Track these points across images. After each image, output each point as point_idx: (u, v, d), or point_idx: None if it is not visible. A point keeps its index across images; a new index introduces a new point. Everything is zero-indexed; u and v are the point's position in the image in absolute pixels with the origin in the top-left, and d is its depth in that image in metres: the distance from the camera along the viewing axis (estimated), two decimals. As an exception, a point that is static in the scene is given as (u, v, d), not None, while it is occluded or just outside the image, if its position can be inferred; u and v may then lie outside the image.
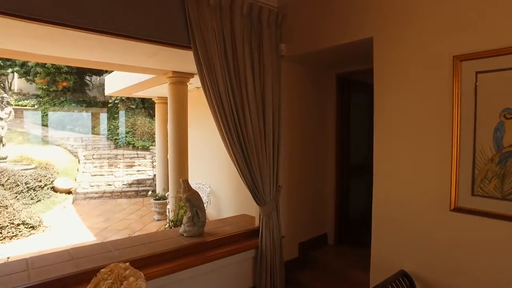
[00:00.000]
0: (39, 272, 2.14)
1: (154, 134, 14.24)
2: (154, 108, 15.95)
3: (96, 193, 10.54)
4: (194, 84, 5.33)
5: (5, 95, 10.58)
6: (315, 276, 3.22)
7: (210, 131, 6.25)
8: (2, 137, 9.96)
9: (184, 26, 2.30)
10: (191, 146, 5.61)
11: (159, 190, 9.00)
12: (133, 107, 15.53)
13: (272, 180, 2.79)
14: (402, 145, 2.26)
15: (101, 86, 20.11)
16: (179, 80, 4.90)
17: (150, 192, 9.18)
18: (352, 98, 3.76)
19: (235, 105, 2.48)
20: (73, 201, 9.98)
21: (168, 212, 7.53)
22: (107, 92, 8.90)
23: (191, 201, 2.81)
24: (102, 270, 1.24)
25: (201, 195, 2.96)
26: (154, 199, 7.86)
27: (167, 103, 9.71)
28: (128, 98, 15.33)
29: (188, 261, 2.47)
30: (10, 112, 10.26)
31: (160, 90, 6.89)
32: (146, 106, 15.92)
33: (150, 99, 14.96)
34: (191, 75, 4.82)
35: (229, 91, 2.44)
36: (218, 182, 5.86)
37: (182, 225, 2.90)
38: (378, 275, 2.34)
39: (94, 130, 15.82)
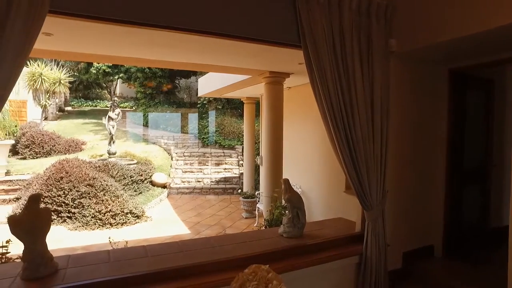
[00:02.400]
0: (156, 260, 2.31)
1: (240, 133, 14.79)
2: (240, 108, 16.68)
3: (187, 188, 11.30)
4: (286, 84, 5.35)
5: (115, 98, 11.98)
6: (422, 290, 2.96)
7: (303, 132, 6.24)
8: (113, 135, 11.28)
9: (294, 26, 2.28)
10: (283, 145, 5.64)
11: (246, 188, 9.28)
12: (219, 107, 16.33)
13: (379, 184, 2.62)
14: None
15: (188, 88, 21.65)
16: (276, 80, 4.95)
17: (239, 191, 9.49)
18: (467, 96, 3.36)
19: (344, 105, 2.38)
20: (168, 195, 10.85)
21: (257, 210, 7.76)
22: (200, 93, 9.49)
23: (292, 202, 2.79)
24: (245, 271, 1.27)
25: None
26: (243, 197, 8.12)
27: (255, 103, 10.07)
28: (215, 99, 16.16)
29: (290, 264, 2.44)
30: (119, 113, 11.57)
31: (251, 91, 7.10)
32: (232, 106, 16.62)
33: (237, 99, 15.62)
34: (287, 75, 4.84)
35: (338, 91, 2.35)
36: (310, 183, 5.80)
37: (281, 226, 2.89)
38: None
39: (183, 129, 16.99)
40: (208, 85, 8.51)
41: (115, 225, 7.41)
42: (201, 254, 2.40)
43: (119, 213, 7.59)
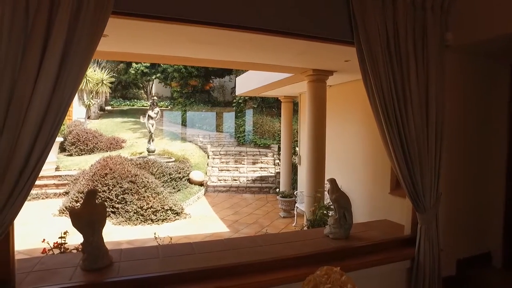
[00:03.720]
0: (203, 258, 2.32)
1: (275, 132, 14.77)
2: (275, 107, 16.66)
3: (223, 186, 11.43)
4: (328, 82, 5.25)
5: (155, 97, 12.37)
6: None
7: (345, 131, 6.11)
8: (152, 133, 11.64)
9: (347, 21, 2.21)
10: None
11: (283, 187, 9.24)
12: (255, 106, 16.40)
13: (433, 185, 2.48)
14: None
15: (221, 87, 21.98)
16: (319, 78, 4.88)
17: (277, 190, 9.48)
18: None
19: (397, 103, 2.28)
20: (205, 193, 11.03)
21: (296, 210, 7.70)
22: (238, 92, 9.56)
23: (340, 202, 2.71)
24: (317, 272, 1.24)
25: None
26: (281, 197, 8.09)
27: (292, 102, 10.00)
28: (250, 98, 16.25)
29: (339, 266, 2.37)
30: (158, 112, 11.92)
31: (289, 90, 7.05)
32: (267, 105, 16.63)
33: (272, 98, 15.61)
34: (331, 72, 4.75)
35: (392, 86, 2.26)
36: (352, 183, 5.66)
37: (327, 226, 2.83)
38: None
39: (219, 128, 17.24)
40: (247, 84, 8.55)
41: (156, 221, 7.64)
42: (248, 253, 2.39)
43: (160, 210, 7.82)
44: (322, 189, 4.87)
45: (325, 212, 3.89)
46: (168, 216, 7.85)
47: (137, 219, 7.63)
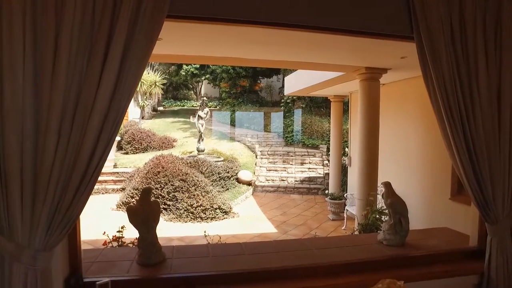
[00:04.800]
0: (253, 259, 2.30)
1: (324, 132, 14.49)
2: (323, 107, 16.35)
3: (271, 187, 11.43)
4: (381, 80, 5.02)
5: (204, 97, 12.72)
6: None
7: (400, 131, 5.81)
8: (201, 133, 11.98)
9: (406, 15, 2.07)
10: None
11: (332, 189, 9.02)
12: (303, 106, 16.21)
13: (507, 193, 2.23)
14: None
15: (269, 87, 22.03)
16: (372, 76, 4.68)
17: (326, 191, 9.29)
18: None
19: (463, 103, 2.08)
20: (253, 193, 11.11)
21: (345, 213, 7.48)
22: (286, 92, 9.50)
23: (395, 207, 2.56)
24: (378, 285, 1.17)
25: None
26: (330, 199, 7.90)
27: (342, 101, 9.73)
28: (299, 98, 16.10)
29: (394, 275, 2.20)
30: (208, 112, 12.23)
31: (340, 89, 6.86)
32: (315, 105, 16.38)
33: (321, 98, 15.33)
34: (385, 70, 4.54)
35: (457, 87, 2.06)
36: (408, 187, 5.36)
37: (381, 232, 2.68)
38: None
39: (266, 128, 17.29)
40: (295, 83, 8.45)
41: (205, 219, 7.84)
42: (299, 256, 2.33)
43: (209, 208, 8.01)
44: (374, 192, 4.66)
45: (378, 216, 3.71)
46: (216, 214, 8.02)
47: (187, 217, 7.88)
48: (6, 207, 1.42)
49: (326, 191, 9.39)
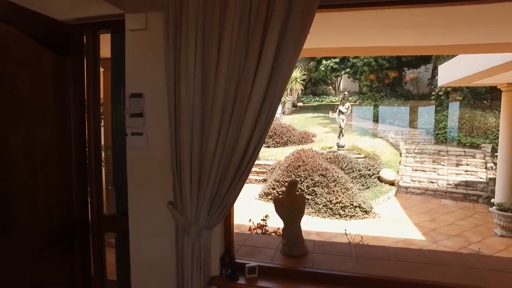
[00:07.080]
0: (401, 267, 2.11)
1: (487, 129, 12.20)
2: (486, 99, 13.74)
3: (418, 188, 10.35)
4: None
5: (346, 92, 12.40)
6: None
7: None
8: (342, 128, 11.75)
9: None
10: None
11: (499, 198, 7.52)
12: (460, 98, 13.98)
13: None
14: None
15: (415, 79, 19.82)
16: None
17: (491, 200, 7.83)
18: None
19: None
20: (396, 193, 10.29)
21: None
22: (441, 82, 8.35)
23: None
24: None
25: None
26: (498, 209, 6.59)
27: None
28: (454, 89, 13.99)
29: None
30: (349, 107, 11.90)
31: (514, 74, 5.57)
32: (476, 97, 13.89)
33: (483, 88, 12.95)
34: None
35: None
36: None
37: None
38: None
39: (412, 124, 15.72)
40: (454, 72, 7.25)
41: (344, 217, 7.67)
42: (460, 275, 2.01)
43: (348, 206, 7.79)
44: None
45: None
46: (356, 213, 7.72)
47: (326, 212, 7.84)
48: (180, 190, 1.72)
49: (491, 200, 7.86)
